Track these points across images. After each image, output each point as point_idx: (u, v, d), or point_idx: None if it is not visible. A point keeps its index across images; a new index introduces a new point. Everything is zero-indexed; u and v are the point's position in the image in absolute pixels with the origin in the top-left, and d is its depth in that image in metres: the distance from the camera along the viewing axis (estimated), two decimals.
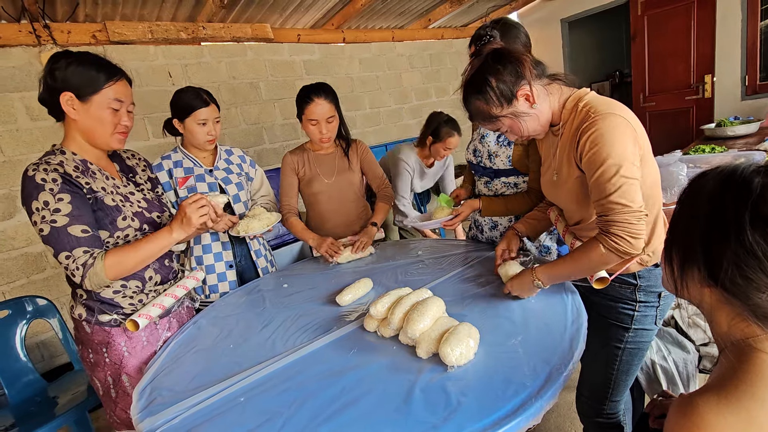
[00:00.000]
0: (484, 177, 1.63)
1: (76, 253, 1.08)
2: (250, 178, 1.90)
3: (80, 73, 1.14)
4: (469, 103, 1.10)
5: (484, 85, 1.04)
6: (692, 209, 0.62)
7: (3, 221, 2.48)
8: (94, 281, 1.10)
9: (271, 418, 0.86)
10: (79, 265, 1.08)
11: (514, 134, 1.12)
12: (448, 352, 0.90)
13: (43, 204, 1.06)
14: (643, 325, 1.17)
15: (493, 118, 1.08)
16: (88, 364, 1.28)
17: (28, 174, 1.09)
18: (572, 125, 1.05)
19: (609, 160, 0.95)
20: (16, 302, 2.00)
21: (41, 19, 2.47)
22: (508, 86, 1.03)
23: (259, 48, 3.54)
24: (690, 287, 0.63)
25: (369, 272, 1.58)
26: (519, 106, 1.05)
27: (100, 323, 1.23)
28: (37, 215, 1.07)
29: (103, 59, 1.20)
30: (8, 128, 2.48)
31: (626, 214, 0.95)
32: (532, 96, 1.04)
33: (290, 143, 3.79)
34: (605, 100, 1.03)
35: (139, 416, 0.94)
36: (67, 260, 1.08)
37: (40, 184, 1.07)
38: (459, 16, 4.70)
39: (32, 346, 2.55)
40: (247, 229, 1.65)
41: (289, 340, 1.18)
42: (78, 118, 1.16)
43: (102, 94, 1.16)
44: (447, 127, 2.42)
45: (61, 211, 1.07)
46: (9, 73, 2.47)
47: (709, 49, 4.10)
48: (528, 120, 1.07)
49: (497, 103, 1.05)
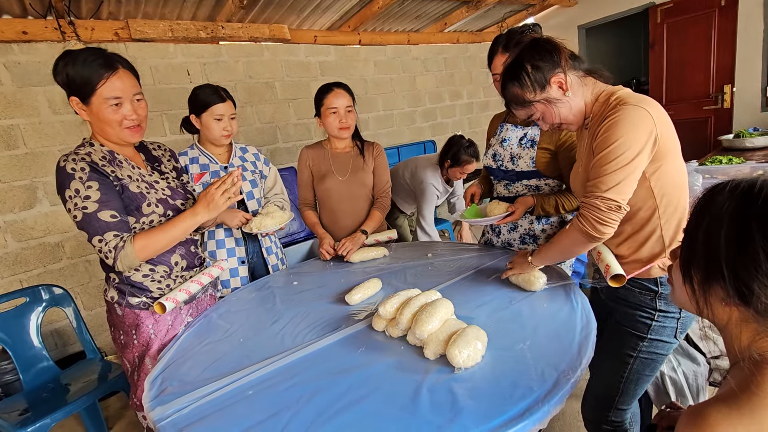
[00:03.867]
0: (504, 180, 1.63)
1: (107, 236, 1.14)
2: (264, 175, 1.93)
3: (75, 75, 1.15)
4: (506, 89, 1.14)
5: (520, 70, 1.08)
6: (711, 226, 0.59)
7: (23, 211, 2.55)
8: (125, 263, 1.16)
9: (279, 412, 0.87)
10: (111, 248, 1.14)
11: (546, 121, 1.14)
12: (455, 354, 0.91)
13: (75, 192, 1.13)
14: (661, 336, 1.14)
15: (527, 103, 1.11)
16: (119, 345, 1.34)
17: (59, 165, 1.15)
18: (602, 116, 1.06)
19: (609, 147, 0.99)
20: (33, 290, 2.05)
21: (66, 16, 2.54)
22: (542, 73, 1.07)
23: (275, 48, 3.58)
24: (714, 306, 0.61)
25: (379, 272, 1.59)
26: (552, 92, 1.08)
27: (131, 306, 1.29)
28: (71, 203, 1.13)
29: (93, 56, 1.16)
30: (31, 121, 2.55)
31: (598, 199, 1.00)
32: (565, 84, 1.07)
33: (303, 143, 3.82)
34: (639, 95, 1.04)
35: (150, 404, 0.97)
36: (99, 243, 1.14)
37: (70, 174, 1.13)
38: (475, 20, 4.70)
39: (47, 334, 2.61)
40: (260, 226, 1.67)
41: (298, 336, 1.19)
42: (89, 119, 1.21)
43: (97, 94, 1.16)
44: (467, 153, 2.44)
45: (90, 197, 1.13)
46: (34, 67, 2.54)
47: (729, 59, 4.04)
48: (561, 107, 1.10)
49: (531, 88, 1.08)
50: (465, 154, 2.44)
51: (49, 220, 2.63)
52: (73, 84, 1.16)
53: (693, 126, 4.32)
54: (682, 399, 1.53)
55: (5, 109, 2.47)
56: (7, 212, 2.50)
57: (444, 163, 2.55)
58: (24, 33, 2.45)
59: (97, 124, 1.21)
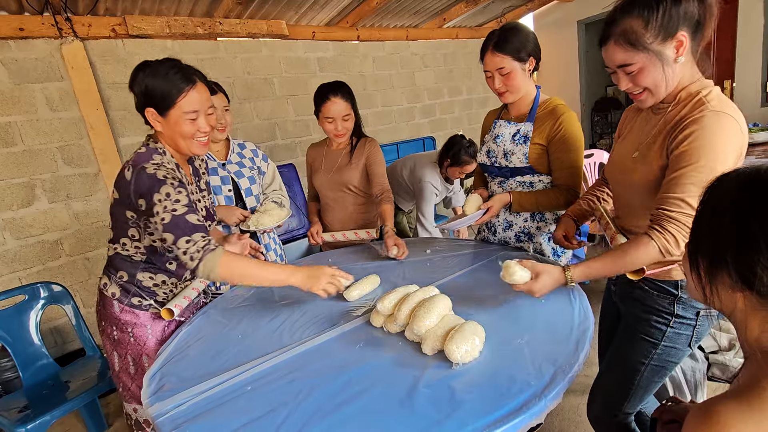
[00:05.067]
0: (498, 177, 1.63)
1: (195, 237, 1.13)
2: (262, 172, 1.93)
3: (155, 87, 1.18)
4: (623, 17, 0.95)
5: (658, 4, 0.91)
6: (716, 213, 0.60)
7: (21, 209, 2.55)
8: (207, 266, 1.13)
9: (277, 407, 0.88)
10: (200, 248, 1.12)
11: (636, 81, 0.99)
12: (453, 350, 0.91)
13: (165, 195, 1.13)
14: (674, 344, 1.10)
15: (638, 46, 0.94)
16: (110, 340, 1.34)
17: (148, 171, 1.15)
18: (681, 110, 0.97)
19: (701, 162, 0.89)
20: (32, 288, 2.05)
21: (63, 12, 2.52)
22: (676, 20, 0.91)
23: (273, 44, 3.56)
24: (721, 294, 0.60)
25: (377, 269, 1.59)
26: (667, 50, 0.94)
27: (132, 305, 1.31)
28: (160, 206, 1.13)
29: (175, 68, 1.19)
30: (29, 118, 2.54)
31: (689, 217, 0.91)
32: (683, 47, 0.93)
33: (302, 140, 3.81)
34: (728, 101, 0.95)
35: (149, 400, 0.97)
36: (186, 244, 1.12)
37: (162, 180, 1.14)
38: (474, 16, 4.68)
39: (46, 332, 2.61)
40: (258, 224, 1.67)
41: (296, 332, 1.19)
42: (163, 131, 1.23)
43: (176, 107, 1.19)
44: (467, 154, 2.44)
45: (180, 201, 1.14)
46: (31, 64, 2.53)
47: (729, 54, 4.04)
48: (665, 71, 0.95)
49: (656, 31, 0.92)
50: (465, 154, 2.44)
51: (47, 217, 2.63)
52: (151, 96, 1.18)
53: None
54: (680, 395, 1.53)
55: (2, 106, 2.46)
56: (5, 210, 2.50)
57: (443, 162, 2.55)
58: (20, 29, 2.44)
59: (170, 136, 1.24)
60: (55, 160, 2.63)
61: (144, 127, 1.28)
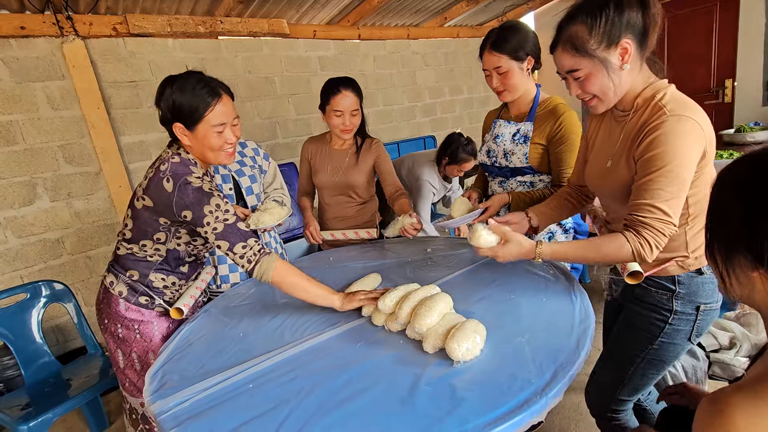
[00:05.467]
0: (499, 177, 1.63)
1: (250, 242, 1.21)
2: (264, 170, 1.93)
3: (182, 103, 1.21)
4: (570, 23, 0.98)
5: (602, 9, 0.93)
6: (726, 197, 0.60)
7: (23, 207, 2.55)
8: (263, 268, 1.20)
9: (279, 405, 0.88)
10: (256, 251, 1.20)
11: (584, 87, 1.02)
12: (454, 348, 0.91)
13: (215, 207, 1.19)
14: (672, 340, 1.11)
15: (583, 53, 0.97)
16: (115, 337, 1.35)
17: (194, 185, 1.19)
18: (641, 117, 0.99)
19: (665, 166, 0.91)
20: (34, 286, 2.06)
21: (64, 11, 2.52)
22: (620, 26, 0.93)
23: (275, 43, 3.56)
24: (739, 277, 0.59)
25: (378, 267, 1.59)
26: (612, 56, 0.96)
27: (139, 304, 1.33)
28: (211, 216, 1.19)
29: (201, 83, 1.22)
30: (30, 117, 2.54)
31: (663, 223, 0.93)
32: (629, 55, 0.95)
33: (303, 138, 3.81)
34: (685, 100, 0.97)
35: (151, 398, 0.97)
36: (243, 249, 1.20)
37: (209, 192, 1.20)
38: (475, 14, 4.67)
39: (48, 330, 2.61)
40: (258, 223, 1.67)
41: (298, 330, 1.20)
42: (192, 144, 1.26)
43: (205, 121, 1.23)
44: (465, 152, 2.44)
45: (229, 211, 1.21)
46: (33, 63, 2.53)
47: (730, 53, 4.03)
48: (612, 77, 0.98)
49: (599, 37, 0.94)
50: (463, 152, 2.44)
51: (48, 216, 2.63)
52: (179, 111, 1.22)
53: None
54: None
55: (4, 105, 2.46)
56: (7, 208, 2.50)
57: (442, 160, 2.55)
58: (22, 28, 2.44)
59: (198, 149, 1.28)
60: (57, 158, 2.63)
61: (145, 126, 1.29)
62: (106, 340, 1.38)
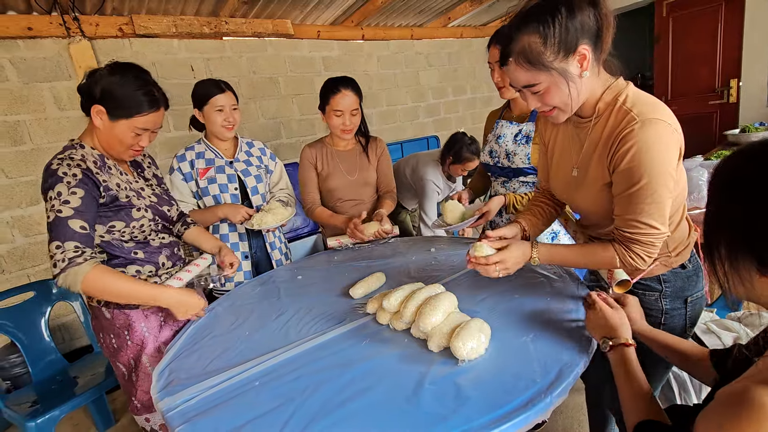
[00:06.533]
0: (501, 177, 1.63)
1: (68, 245, 1.09)
2: (270, 170, 1.94)
3: (123, 95, 1.18)
4: (520, 34, 0.88)
5: (553, 14, 0.84)
6: (725, 196, 0.58)
7: (30, 206, 2.57)
8: (69, 279, 1.08)
9: (285, 403, 0.89)
10: (67, 258, 1.07)
11: (544, 101, 0.94)
12: (459, 347, 0.92)
13: (57, 194, 1.11)
14: None
15: (539, 66, 0.88)
16: (111, 350, 1.33)
17: (51, 167, 1.14)
18: (607, 124, 0.94)
19: (645, 179, 0.87)
20: (41, 284, 2.08)
21: (71, 12, 2.55)
22: (576, 32, 0.85)
23: (279, 44, 3.58)
24: (743, 278, 0.57)
25: (382, 267, 1.60)
26: (571, 66, 0.88)
27: (120, 307, 1.29)
28: (49, 204, 1.12)
29: (151, 88, 1.22)
30: (37, 117, 2.56)
31: (652, 236, 0.92)
32: (587, 61, 0.88)
33: (307, 138, 3.82)
34: (648, 99, 0.92)
35: (158, 395, 0.98)
36: (56, 250, 1.08)
37: (60, 177, 1.12)
38: (479, 15, 4.67)
39: (54, 328, 2.64)
40: (261, 223, 1.68)
41: (303, 329, 1.21)
42: (101, 129, 1.22)
43: (131, 121, 1.21)
44: (469, 151, 2.44)
45: (69, 203, 1.11)
46: (40, 63, 2.55)
47: (735, 53, 4.01)
48: (570, 88, 0.90)
49: (555, 48, 0.86)
50: (467, 151, 2.44)
51: None
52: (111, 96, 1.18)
53: (698, 121, 4.29)
54: (685, 394, 1.53)
55: (11, 105, 2.49)
56: (14, 207, 2.52)
57: (446, 159, 2.56)
58: (29, 29, 2.46)
59: (106, 137, 1.23)
60: None
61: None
62: (107, 357, 1.35)
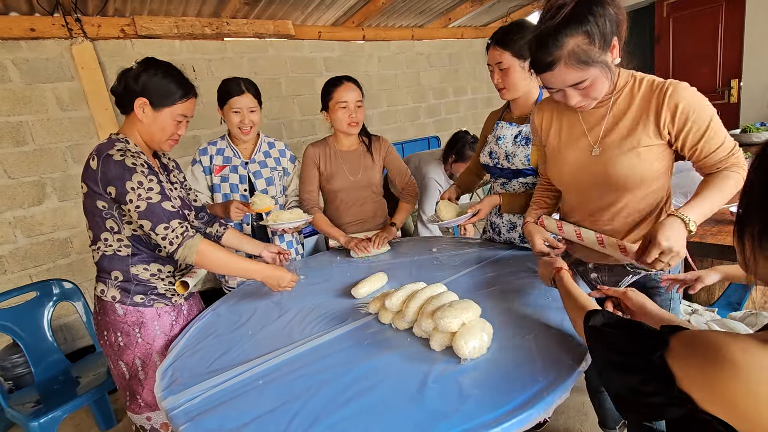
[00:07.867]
0: (501, 178, 1.63)
1: (173, 224, 1.20)
2: (288, 173, 1.95)
3: (162, 85, 1.25)
4: (563, 41, 0.92)
5: (592, 13, 0.91)
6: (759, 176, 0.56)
7: (32, 207, 2.58)
8: (186, 251, 1.21)
9: (288, 401, 0.89)
10: (179, 234, 1.20)
11: (587, 95, 1.00)
12: (461, 345, 0.92)
13: (138, 183, 1.17)
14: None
15: (589, 63, 0.93)
16: (115, 349, 1.32)
17: (114, 158, 1.17)
18: (634, 94, 1.03)
19: (714, 118, 0.98)
20: (43, 285, 2.08)
21: (73, 13, 2.55)
22: (610, 27, 0.93)
23: (280, 44, 3.58)
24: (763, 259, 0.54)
25: (384, 267, 1.60)
26: (608, 57, 0.96)
27: (135, 304, 1.30)
28: (133, 194, 1.17)
29: (184, 77, 1.31)
30: (39, 117, 2.57)
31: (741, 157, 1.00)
32: (617, 49, 0.96)
33: (308, 139, 3.83)
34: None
35: (162, 394, 0.99)
36: (165, 231, 1.19)
37: (131, 167, 1.17)
38: (479, 15, 4.68)
39: (56, 328, 2.64)
40: (276, 219, 1.66)
41: (306, 329, 1.21)
42: (144, 121, 1.27)
43: (174, 108, 1.27)
44: (471, 149, 2.44)
45: (153, 189, 1.19)
46: (42, 64, 2.56)
47: (736, 53, 4.01)
48: (611, 77, 0.99)
49: (599, 42, 0.92)
50: (470, 150, 2.45)
51: (57, 215, 2.66)
52: (154, 88, 1.25)
53: None
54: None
55: (14, 106, 2.49)
56: (16, 208, 2.53)
57: (449, 158, 2.56)
58: (31, 30, 2.47)
59: (149, 128, 1.28)
60: (65, 159, 2.66)
61: None
62: (107, 355, 1.34)
